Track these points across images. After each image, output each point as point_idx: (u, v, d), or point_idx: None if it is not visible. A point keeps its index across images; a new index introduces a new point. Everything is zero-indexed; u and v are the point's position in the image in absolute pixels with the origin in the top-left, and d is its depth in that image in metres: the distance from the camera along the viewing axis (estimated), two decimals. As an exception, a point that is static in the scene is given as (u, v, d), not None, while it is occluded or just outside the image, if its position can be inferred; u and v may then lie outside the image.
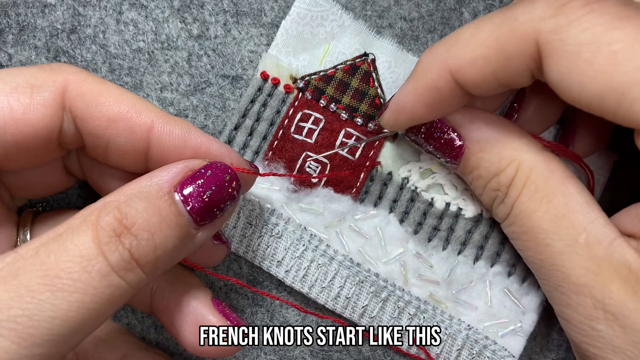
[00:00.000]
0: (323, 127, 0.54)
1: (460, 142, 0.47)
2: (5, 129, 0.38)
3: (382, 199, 0.54)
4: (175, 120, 0.43)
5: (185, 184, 0.40)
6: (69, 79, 0.40)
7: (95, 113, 0.41)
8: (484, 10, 0.56)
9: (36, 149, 0.40)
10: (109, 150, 0.42)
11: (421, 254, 0.53)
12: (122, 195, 0.38)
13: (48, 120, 0.39)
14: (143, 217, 0.37)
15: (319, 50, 0.54)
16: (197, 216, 0.40)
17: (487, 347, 0.53)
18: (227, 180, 0.41)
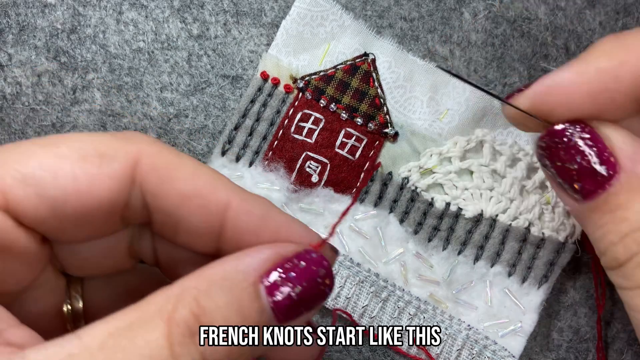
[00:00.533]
0: (323, 127, 0.54)
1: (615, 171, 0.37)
2: (66, 201, 0.34)
3: (382, 199, 0.54)
4: (253, 198, 0.38)
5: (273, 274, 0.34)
6: (142, 150, 0.36)
7: (169, 189, 0.36)
8: (483, 10, 0.56)
9: (96, 222, 0.36)
10: (180, 229, 0.38)
11: (421, 254, 0.53)
12: (203, 281, 0.33)
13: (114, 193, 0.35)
14: (222, 316, 0.32)
15: (319, 50, 0.55)
16: (280, 315, 0.34)
17: (487, 347, 0.53)
18: (321, 276, 0.35)
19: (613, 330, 0.55)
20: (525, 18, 0.55)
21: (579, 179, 0.38)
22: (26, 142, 0.35)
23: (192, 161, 0.38)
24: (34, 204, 0.33)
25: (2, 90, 0.54)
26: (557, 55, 0.55)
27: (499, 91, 0.55)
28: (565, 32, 0.55)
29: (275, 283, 0.33)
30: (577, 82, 0.38)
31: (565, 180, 0.39)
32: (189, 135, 0.55)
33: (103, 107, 0.55)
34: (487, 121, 0.54)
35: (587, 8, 0.56)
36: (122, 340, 0.30)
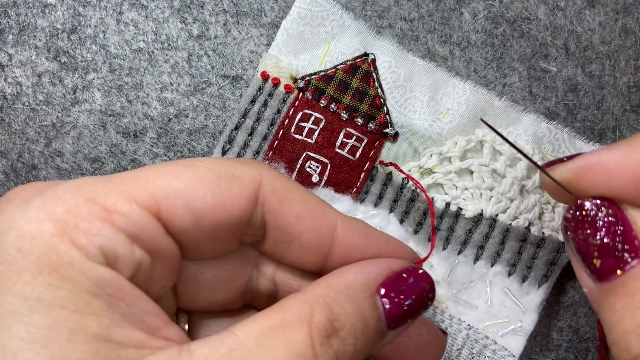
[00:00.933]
0: (323, 127, 0.54)
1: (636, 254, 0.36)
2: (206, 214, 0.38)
3: (383, 198, 0.54)
4: (355, 220, 0.43)
5: (387, 287, 0.39)
6: (263, 174, 0.41)
7: (287, 209, 0.41)
8: (483, 10, 0.56)
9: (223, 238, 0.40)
10: (291, 247, 0.42)
11: (421, 254, 0.53)
12: (330, 290, 0.38)
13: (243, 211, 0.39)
14: (350, 321, 0.37)
15: (319, 50, 0.55)
16: (392, 323, 0.39)
17: (487, 346, 0.53)
18: (426, 290, 0.41)
19: (612, 329, 0.55)
20: (525, 18, 0.56)
21: (600, 256, 0.37)
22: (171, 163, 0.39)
23: (302, 187, 0.42)
24: (182, 215, 0.37)
25: (2, 90, 0.54)
26: (556, 55, 0.55)
27: (498, 91, 0.55)
28: (565, 32, 0.56)
29: (389, 295, 0.39)
30: (622, 164, 0.37)
31: (585, 256, 0.38)
32: (189, 135, 0.55)
33: (103, 107, 0.55)
34: (487, 121, 0.54)
35: (587, 8, 0.56)
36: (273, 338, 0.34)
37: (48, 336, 0.31)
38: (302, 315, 0.36)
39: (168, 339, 0.34)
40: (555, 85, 0.55)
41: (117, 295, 0.33)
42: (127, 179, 0.37)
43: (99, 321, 0.32)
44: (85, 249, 0.33)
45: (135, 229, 0.35)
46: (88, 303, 0.32)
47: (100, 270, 0.33)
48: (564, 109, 0.55)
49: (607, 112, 0.56)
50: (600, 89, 0.56)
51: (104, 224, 0.34)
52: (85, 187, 0.36)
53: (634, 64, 0.56)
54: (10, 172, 0.54)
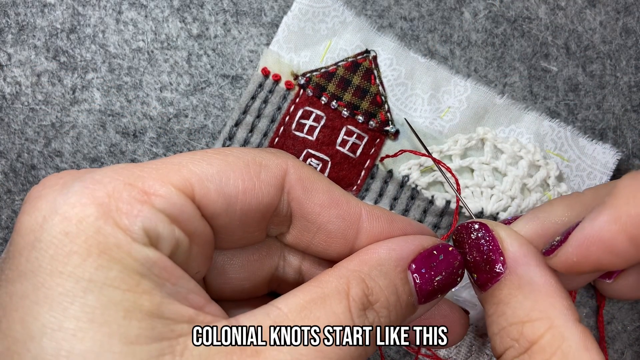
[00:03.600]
0: (324, 124, 0.54)
1: (502, 268, 0.42)
2: (237, 199, 0.39)
3: (383, 196, 0.54)
4: (378, 207, 0.44)
5: (418, 263, 0.41)
6: (289, 163, 0.42)
7: (312, 198, 0.42)
8: (484, 10, 0.56)
9: (252, 225, 0.41)
10: (317, 236, 0.43)
11: (421, 253, 0.53)
12: (364, 265, 0.39)
13: (271, 198, 0.41)
14: (384, 295, 0.39)
15: (321, 46, 0.55)
16: (422, 297, 0.41)
17: (486, 345, 0.53)
18: (456, 267, 0.42)
19: (613, 330, 0.55)
20: (525, 17, 0.56)
21: (475, 271, 0.43)
22: (201, 151, 0.41)
23: (326, 178, 0.44)
24: (214, 199, 0.38)
25: (2, 90, 0.54)
26: (557, 55, 0.55)
27: (499, 91, 0.55)
28: (565, 32, 0.56)
29: (420, 271, 0.41)
30: (615, 230, 0.38)
31: (468, 270, 0.44)
32: (188, 135, 0.55)
33: (103, 107, 0.54)
34: (488, 119, 0.54)
35: (588, 7, 0.56)
36: (315, 311, 0.36)
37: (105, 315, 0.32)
38: (340, 288, 0.37)
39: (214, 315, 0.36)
40: (556, 85, 0.55)
41: (162, 274, 0.34)
42: (160, 165, 0.38)
43: (150, 299, 0.33)
44: (129, 231, 0.34)
45: (174, 210, 0.36)
46: (138, 282, 0.33)
47: (145, 251, 0.34)
48: (564, 109, 0.55)
49: (608, 112, 0.56)
50: (601, 89, 0.56)
51: (144, 205, 0.35)
52: (123, 171, 0.37)
53: (634, 63, 0.56)
54: (9, 172, 0.54)
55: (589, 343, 0.39)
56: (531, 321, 0.40)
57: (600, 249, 0.39)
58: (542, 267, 0.42)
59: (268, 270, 0.47)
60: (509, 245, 0.43)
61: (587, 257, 0.40)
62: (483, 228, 0.44)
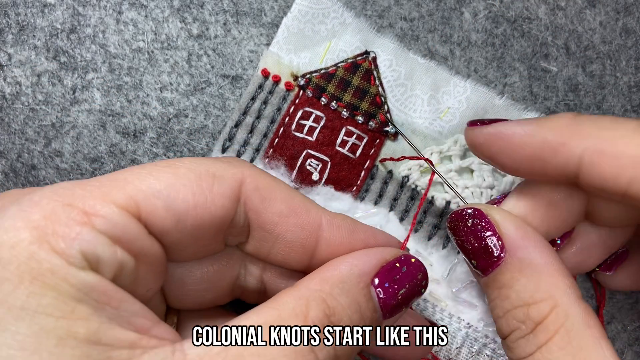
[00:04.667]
0: (324, 125, 0.54)
1: (501, 253, 0.43)
2: (187, 214, 0.38)
3: (383, 197, 0.54)
4: (340, 216, 0.43)
5: (381, 277, 0.40)
6: (245, 172, 0.41)
7: (269, 208, 0.41)
8: (484, 10, 0.56)
9: (206, 238, 0.40)
10: (276, 246, 0.43)
11: (421, 252, 0.53)
12: (325, 283, 0.38)
13: (225, 210, 0.39)
14: (347, 315, 0.38)
15: (320, 47, 0.55)
16: (387, 312, 0.40)
17: (486, 345, 0.53)
18: (419, 279, 0.42)
19: (613, 330, 0.55)
20: (525, 18, 0.56)
21: (473, 257, 0.44)
22: (150, 164, 0.39)
23: (286, 185, 0.43)
24: (162, 216, 0.37)
25: (2, 90, 0.54)
26: (557, 55, 0.55)
27: (499, 91, 0.55)
28: (565, 32, 0.56)
29: (383, 285, 0.40)
30: (525, 142, 0.42)
31: (466, 256, 0.45)
32: (188, 135, 0.55)
33: (103, 107, 0.54)
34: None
35: (588, 8, 0.56)
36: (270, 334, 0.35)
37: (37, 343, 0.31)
38: (298, 311, 0.36)
39: (160, 338, 0.34)
40: (555, 85, 0.55)
41: (102, 298, 0.33)
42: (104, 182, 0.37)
43: (87, 325, 0.32)
44: (66, 254, 0.33)
45: (116, 231, 0.35)
46: (74, 308, 0.32)
47: (82, 275, 0.33)
48: (564, 109, 0.55)
49: (608, 112, 0.56)
50: (601, 89, 0.56)
51: (83, 227, 0.34)
52: (62, 191, 0.35)
53: (634, 63, 0.56)
54: (9, 172, 0.54)
55: (591, 320, 0.40)
56: (536, 303, 0.41)
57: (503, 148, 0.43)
58: (541, 247, 0.43)
59: (229, 280, 0.46)
60: (506, 228, 0.43)
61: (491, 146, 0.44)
62: (477, 213, 0.44)
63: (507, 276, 0.43)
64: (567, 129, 0.41)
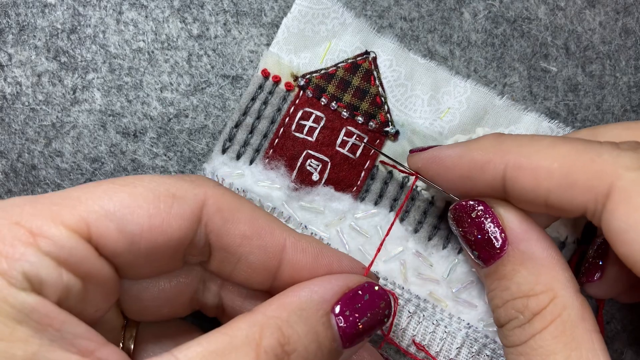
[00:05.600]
0: (324, 125, 0.54)
1: (504, 245, 0.44)
2: (141, 236, 0.37)
3: (383, 197, 0.54)
4: (305, 238, 0.43)
5: (342, 305, 0.39)
6: (208, 193, 0.40)
7: (232, 229, 0.40)
8: (483, 10, 0.56)
9: (163, 258, 0.40)
10: (238, 267, 0.42)
11: (421, 253, 0.53)
12: (283, 310, 0.37)
13: (183, 232, 0.38)
14: (303, 344, 0.37)
15: (320, 48, 0.55)
16: (347, 342, 0.39)
17: (486, 345, 0.53)
18: (382, 307, 0.41)
19: (613, 330, 0.55)
20: (525, 18, 0.56)
21: (476, 248, 0.45)
22: (107, 182, 0.38)
23: (251, 204, 0.42)
24: (115, 237, 0.36)
25: (2, 90, 0.54)
26: (557, 55, 0.55)
27: (499, 91, 0.55)
28: (565, 32, 0.56)
29: (344, 313, 0.39)
30: (455, 163, 0.45)
31: (467, 246, 0.46)
32: (189, 135, 0.55)
33: (103, 107, 0.55)
34: (488, 119, 0.54)
35: (587, 8, 0.56)
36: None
37: None
38: (250, 338, 0.35)
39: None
40: (555, 85, 0.55)
41: (43, 320, 0.32)
42: (56, 200, 0.36)
43: (25, 348, 0.31)
44: (7, 275, 0.32)
45: (63, 253, 0.34)
46: (13, 330, 0.31)
47: (23, 296, 0.32)
48: (564, 109, 0.55)
49: (608, 112, 0.56)
50: (601, 89, 0.56)
51: (27, 248, 0.33)
52: (12, 209, 0.35)
53: (634, 63, 0.56)
54: (10, 172, 0.54)
55: (586, 314, 0.42)
56: (536, 295, 0.42)
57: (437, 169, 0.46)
58: (543, 240, 0.44)
59: (187, 296, 0.45)
60: (509, 221, 0.44)
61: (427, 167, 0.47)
62: (482, 206, 0.45)
63: (509, 268, 0.44)
64: (492, 148, 0.44)
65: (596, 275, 0.50)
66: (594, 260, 0.51)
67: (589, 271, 0.51)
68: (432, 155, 0.46)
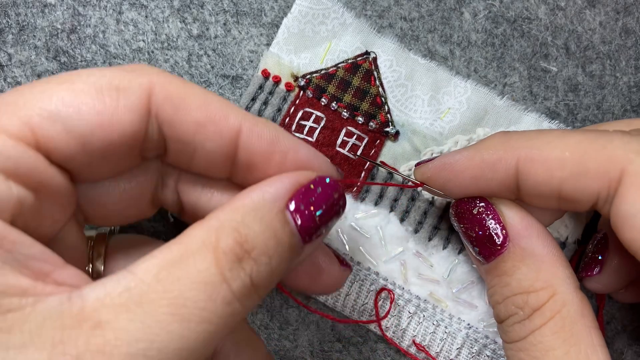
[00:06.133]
0: (324, 125, 0.54)
1: (505, 241, 0.44)
2: (93, 134, 0.35)
3: (383, 197, 0.54)
4: (262, 123, 0.41)
5: (296, 201, 0.38)
6: (153, 81, 0.37)
7: (184, 117, 0.38)
8: (484, 10, 0.56)
9: (119, 156, 0.38)
10: (195, 157, 0.40)
11: (421, 253, 0.53)
12: (236, 213, 0.36)
13: (135, 125, 0.36)
14: (261, 241, 0.35)
15: (321, 48, 0.54)
16: (306, 236, 0.38)
17: (486, 346, 0.53)
18: (336, 198, 0.40)
19: (613, 330, 0.55)
20: (525, 18, 0.56)
21: (477, 245, 0.46)
22: (42, 81, 0.35)
23: (201, 89, 0.39)
24: (64, 140, 0.34)
25: (2, 90, 0.54)
26: (557, 55, 0.55)
27: (499, 91, 0.55)
28: (565, 32, 0.56)
29: (299, 208, 0.38)
30: (465, 166, 0.45)
31: (468, 242, 0.47)
32: (189, 135, 0.55)
33: (103, 107, 0.54)
34: (488, 120, 0.54)
35: (587, 8, 0.56)
36: (175, 271, 0.32)
37: None
38: (207, 242, 0.34)
39: (60, 284, 0.32)
40: (555, 85, 0.55)
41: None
42: None
43: None
44: None
45: (9, 164, 0.33)
46: None
47: None
48: (564, 109, 0.55)
49: (608, 112, 0.56)
50: (601, 89, 0.56)
51: None
52: None
53: (634, 63, 0.56)
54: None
55: (586, 310, 0.42)
56: (536, 291, 0.43)
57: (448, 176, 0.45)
58: (543, 237, 0.44)
59: (148, 194, 0.43)
60: (510, 218, 0.45)
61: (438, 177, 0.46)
62: (483, 202, 0.46)
63: (509, 264, 0.44)
64: (501, 146, 0.44)
65: (595, 270, 0.50)
66: (593, 255, 0.51)
67: (588, 265, 0.51)
68: (441, 162, 0.46)
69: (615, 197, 0.40)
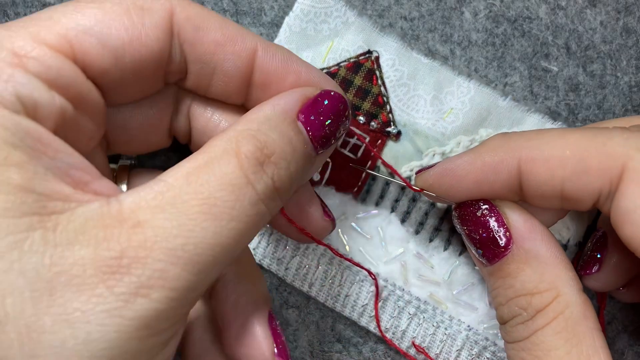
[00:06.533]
0: (325, 125, 0.54)
1: (509, 244, 0.45)
2: (124, 50, 0.37)
3: (384, 198, 0.54)
4: (275, 45, 0.43)
5: (306, 112, 0.41)
6: (174, 3, 0.39)
7: (204, 37, 0.40)
8: (484, 10, 0.55)
9: (148, 76, 0.40)
10: (214, 78, 0.42)
11: (422, 254, 0.53)
12: (252, 123, 0.38)
13: (162, 43, 0.38)
14: (279, 146, 0.38)
15: (322, 47, 0.54)
16: (317, 144, 0.41)
17: (486, 348, 0.53)
18: (342, 109, 0.42)
19: (614, 330, 0.55)
20: (525, 17, 0.55)
21: (480, 247, 0.46)
22: (71, 2, 0.37)
23: (218, 15, 0.42)
24: (99, 54, 0.36)
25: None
26: (557, 55, 0.55)
27: (499, 91, 0.55)
28: (566, 32, 0.55)
29: (309, 118, 0.41)
30: (467, 171, 0.45)
31: (471, 244, 0.46)
32: (188, 135, 0.55)
33: (101, 107, 0.54)
34: (491, 121, 0.54)
35: (588, 7, 0.56)
36: (203, 175, 0.34)
37: None
38: (229, 149, 0.36)
39: (98, 193, 0.34)
40: (556, 85, 0.55)
41: (38, 147, 0.32)
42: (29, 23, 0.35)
43: (21, 173, 0.31)
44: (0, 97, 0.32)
45: (51, 74, 0.34)
46: (8, 154, 0.31)
47: (17, 119, 0.32)
48: (565, 109, 0.55)
49: (609, 112, 0.56)
50: (602, 89, 0.55)
51: (15, 69, 0.33)
52: None
53: (635, 63, 0.56)
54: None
55: (588, 312, 0.43)
56: (540, 293, 0.43)
57: (451, 181, 0.46)
58: (547, 239, 0.44)
59: (167, 122, 0.46)
60: (514, 220, 0.45)
61: (441, 183, 0.46)
62: (487, 204, 0.46)
63: (513, 266, 0.44)
64: (501, 148, 0.44)
65: (594, 268, 0.50)
66: (593, 253, 0.51)
67: (587, 263, 0.51)
68: (442, 168, 0.46)
69: (616, 194, 0.41)
